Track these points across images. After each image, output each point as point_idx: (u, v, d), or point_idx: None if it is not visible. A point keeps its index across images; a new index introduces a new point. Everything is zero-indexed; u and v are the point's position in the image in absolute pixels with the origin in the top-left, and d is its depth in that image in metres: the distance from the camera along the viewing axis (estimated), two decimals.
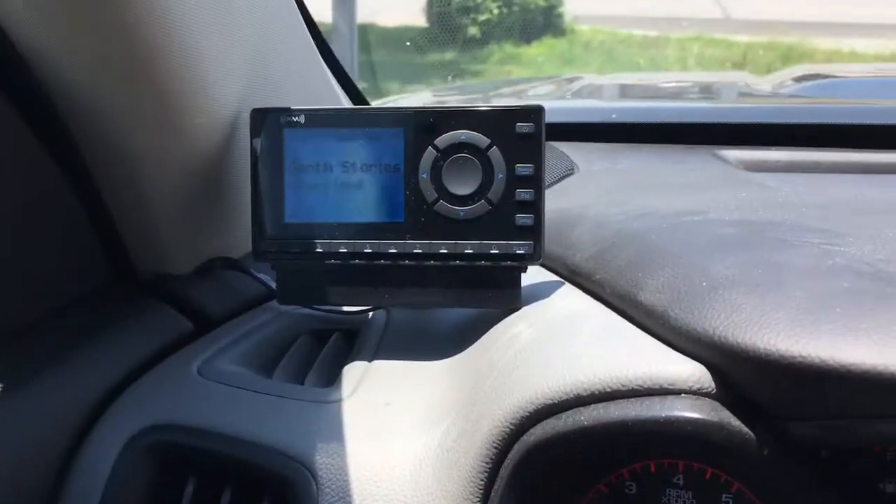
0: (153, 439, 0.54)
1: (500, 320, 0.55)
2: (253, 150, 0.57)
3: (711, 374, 0.40)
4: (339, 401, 0.54)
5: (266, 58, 0.63)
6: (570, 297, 0.55)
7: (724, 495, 0.43)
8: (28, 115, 0.54)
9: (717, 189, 0.70)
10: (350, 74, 0.89)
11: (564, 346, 0.46)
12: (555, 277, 0.61)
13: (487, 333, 0.55)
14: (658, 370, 0.40)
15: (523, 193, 0.54)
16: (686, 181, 0.74)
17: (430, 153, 0.55)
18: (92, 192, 0.58)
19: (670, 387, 0.39)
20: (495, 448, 0.44)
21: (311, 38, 0.74)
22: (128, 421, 0.55)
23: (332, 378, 0.58)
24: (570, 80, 1.72)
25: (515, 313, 0.55)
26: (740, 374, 0.38)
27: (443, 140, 0.55)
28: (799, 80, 1.46)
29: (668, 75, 2.57)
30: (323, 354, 0.61)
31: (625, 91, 1.48)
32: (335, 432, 0.51)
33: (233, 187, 0.63)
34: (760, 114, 0.95)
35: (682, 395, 0.39)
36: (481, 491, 0.45)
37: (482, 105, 0.55)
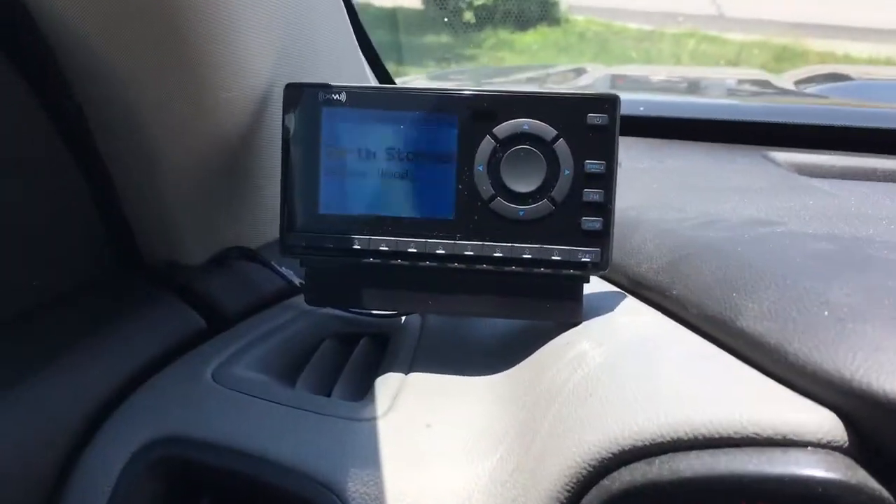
0: (162, 453, 0.47)
1: (554, 334, 0.49)
2: (285, 129, 0.50)
3: (843, 423, 0.34)
4: (373, 419, 0.47)
5: (302, 31, 0.56)
6: (638, 314, 0.49)
7: None
8: (33, 81, 0.46)
9: (778, 195, 0.64)
10: None
11: (647, 375, 0.40)
12: (613, 288, 0.55)
13: (542, 349, 0.49)
14: (780, 416, 0.34)
15: (592, 194, 0.48)
16: (741, 184, 0.69)
17: (487, 143, 0.49)
18: (97, 168, 0.51)
19: (795, 437, 0.33)
20: (567, 491, 0.38)
21: (346, 14, 0.67)
22: (133, 431, 0.48)
23: (361, 390, 0.52)
24: (578, 72, 1.66)
25: (574, 329, 0.49)
26: (884, 427, 0.33)
27: (503, 129, 0.49)
28: (822, 80, 1.41)
29: (684, 69, 2.52)
30: (351, 362, 0.54)
31: (642, 84, 1.43)
32: (369, 456, 0.45)
33: (258, 170, 0.56)
34: (807, 114, 0.89)
35: (810, 448, 0.33)
36: None
37: (550, 91, 0.49)
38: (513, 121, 0.49)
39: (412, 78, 1.69)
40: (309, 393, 0.51)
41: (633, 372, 0.41)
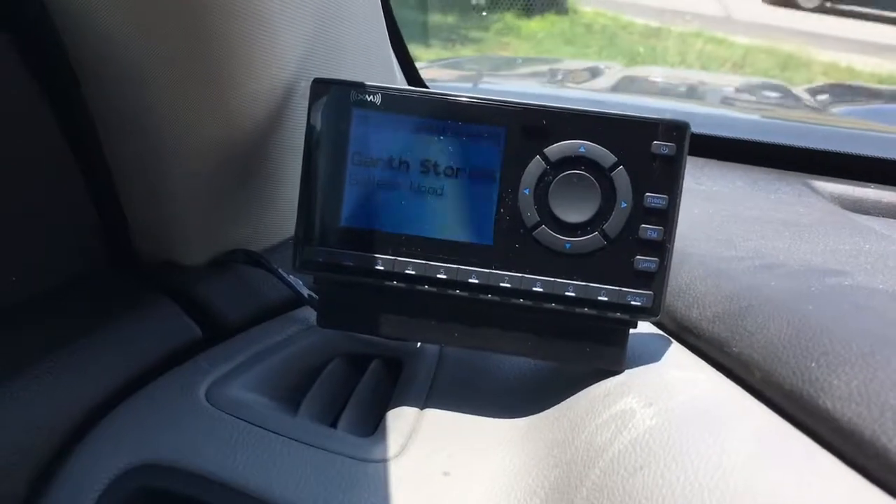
0: (143, 483, 0.42)
1: (591, 381, 0.44)
2: (309, 129, 0.44)
3: None
4: (384, 461, 0.42)
5: (333, 25, 0.50)
6: (691, 370, 0.44)
7: None
8: (37, 71, 0.41)
9: (830, 234, 0.59)
10: None
11: (712, 454, 0.35)
12: (656, 330, 0.50)
13: (577, 398, 0.44)
14: None
15: (650, 231, 0.43)
16: (788, 217, 0.64)
17: (536, 164, 0.43)
18: (95, 162, 0.45)
19: None
20: None
21: (381, 9, 0.61)
22: (113, 454, 0.43)
23: (371, 423, 0.47)
24: (593, 72, 1.60)
25: (616, 378, 0.44)
26: None
27: (556, 150, 0.43)
28: (839, 96, 1.37)
29: (697, 73, 2.47)
30: (360, 388, 0.49)
31: (663, 88, 1.38)
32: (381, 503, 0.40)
33: (274, 170, 0.50)
34: (846, 140, 0.84)
35: None
36: None
37: (612, 112, 0.43)
38: (568, 141, 0.43)
39: (422, 65, 1.63)
40: (313, 422, 0.46)
41: (696, 448, 0.36)
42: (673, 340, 0.48)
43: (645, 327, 0.50)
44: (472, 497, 0.41)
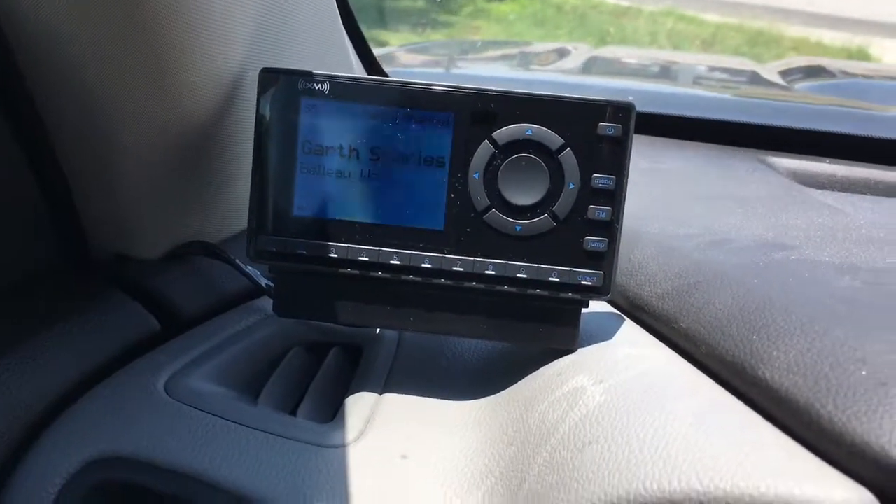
0: (104, 477, 0.42)
1: (544, 361, 0.45)
2: (259, 118, 0.44)
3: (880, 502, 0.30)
4: (342, 446, 0.43)
5: (281, 13, 0.50)
6: (642, 346, 0.44)
7: None
8: None
9: (783, 210, 0.60)
10: None
11: (657, 427, 0.36)
12: (610, 309, 0.50)
13: (531, 377, 0.45)
14: (813, 494, 0.30)
15: (599, 211, 0.44)
16: (742, 193, 0.65)
17: (485, 149, 0.44)
18: (43, 151, 0.45)
19: None
20: None
21: None
22: (73, 447, 0.43)
23: (330, 409, 0.47)
24: (561, 53, 1.61)
25: (568, 357, 0.45)
26: None
27: (504, 134, 0.44)
28: (807, 72, 1.39)
29: (666, 53, 2.48)
30: (320, 376, 0.50)
31: (627, 69, 1.38)
32: (337, 488, 0.40)
33: (223, 160, 0.50)
34: (804, 115, 0.86)
35: None
36: None
37: (558, 95, 0.44)
38: (516, 125, 0.44)
39: (390, 50, 1.62)
40: (272, 411, 0.46)
41: (640, 421, 0.37)
42: (626, 318, 0.48)
43: (598, 306, 0.50)
44: (430, 478, 0.41)
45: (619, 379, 0.41)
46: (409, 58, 1.66)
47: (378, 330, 0.53)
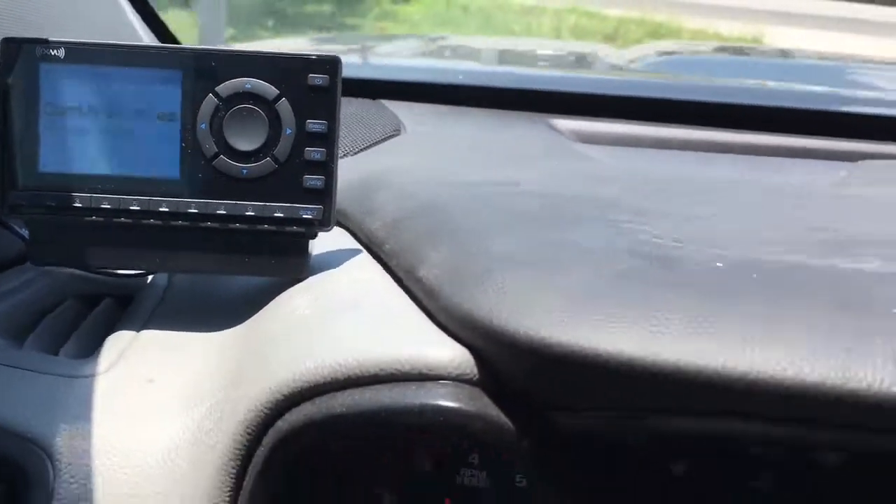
0: None
1: (283, 289, 0.51)
2: (3, 86, 0.49)
3: (476, 359, 0.37)
4: (94, 375, 0.48)
5: None
6: (361, 269, 0.50)
7: (517, 476, 0.40)
8: None
9: (541, 159, 0.67)
10: (218, 19, 0.80)
11: (337, 324, 0.42)
12: (357, 245, 0.56)
13: (269, 305, 0.50)
14: (418, 354, 0.37)
15: (314, 153, 0.49)
16: (512, 150, 0.72)
17: (210, 102, 0.49)
18: None
19: (429, 372, 0.36)
20: (249, 434, 0.40)
21: None
22: None
23: (91, 348, 0.52)
24: (434, 40, 1.68)
25: (300, 284, 0.50)
26: (502, 360, 0.36)
27: (225, 88, 0.49)
28: (656, 55, 1.48)
29: (528, 42, 2.57)
30: (87, 321, 0.54)
31: (477, 54, 1.45)
32: (83, 412, 0.45)
33: None
34: (598, 85, 0.93)
35: (441, 381, 0.36)
36: (233, 480, 0.41)
37: (272, 51, 0.50)
38: (236, 80, 0.49)
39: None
40: (36, 352, 0.50)
41: (329, 321, 0.43)
42: (363, 251, 0.54)
43: (347, 243, 0.56)
44: (169, 396, 0.46)
45: (326, 295, 0.47)
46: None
47: (150, 279, 0.58)
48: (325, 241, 0.53)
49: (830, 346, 0.31)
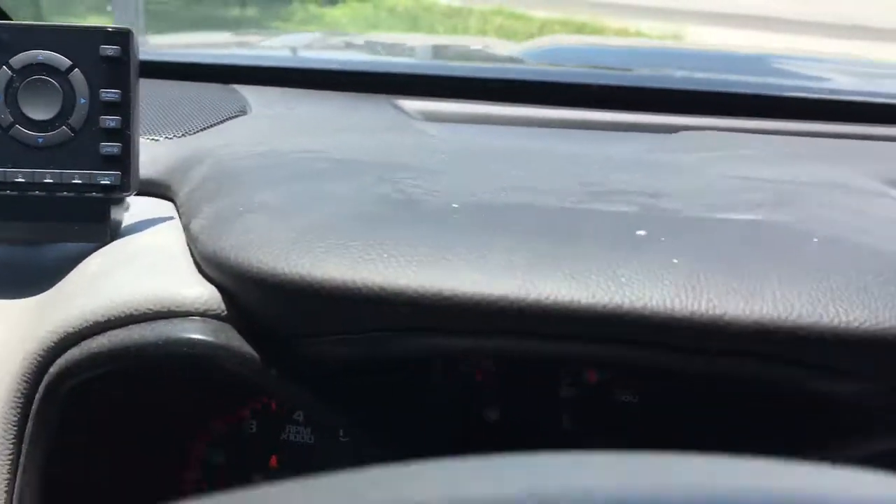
0: None
1: (87, 255, 0.53)
2: None
3: (224, 297, 0.39)
4: None
5: None
6: (162, 234, 0.53)
7: (341, 431, 0.43)
8: None
9: (373, 133, 0.70)
10: (137, 26, 0.80)
11: (112, 277, 0.44)
12: (168, 213, 0.58)
13: (74, 270, 0.52)
14: (169, 293, 0.39)
15: (109, 121, 0.51)
16: (348, 127, 0.74)
17: (3, 73, 0.51)
18: None
19: (178, 309, 0.39)
20: (26, 382, 0.42)
21: None
22: None
23: None
24: (329, 35, 1.70)
25: (102, 248, 0.52)
26: (245, 295, 0.38)
27: (18, 60, 0.51)
28: (542, 47, 1.52)
29: (422, 37, 2.61)
30: None
31: (354, 45, 1.48)
32: None
33: None
34: (446, 69, 0.97)
35: (190, 317, 0.38)
36: (16, 428, 0.43)
37: (65, 24, 0.52)
38: (28, 52, 0.51)
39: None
40: None
41: (109, 275, 0.45)
42: (175, 217, 0.56)
43: (160, 210, 0.58)
44: None
45: (122, 253, 0.49)
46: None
47: None
48: (146, 212, 0.55)
49: (513, 268, 0.35)
